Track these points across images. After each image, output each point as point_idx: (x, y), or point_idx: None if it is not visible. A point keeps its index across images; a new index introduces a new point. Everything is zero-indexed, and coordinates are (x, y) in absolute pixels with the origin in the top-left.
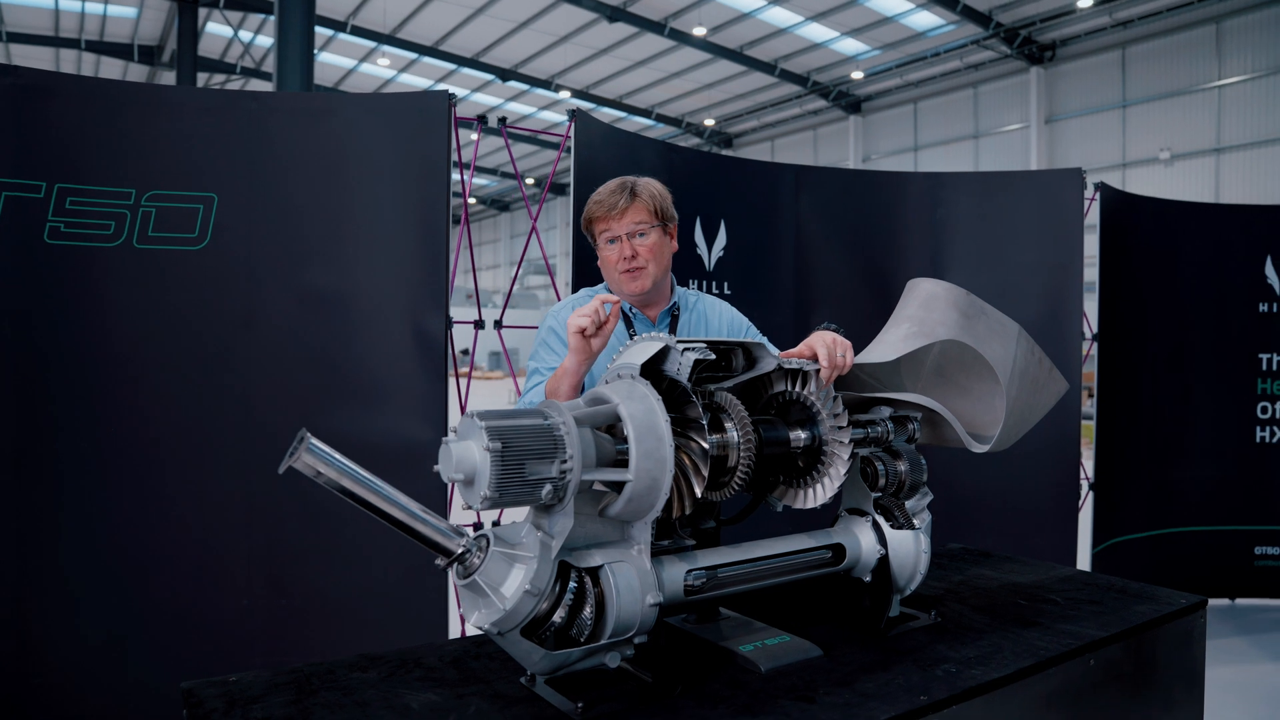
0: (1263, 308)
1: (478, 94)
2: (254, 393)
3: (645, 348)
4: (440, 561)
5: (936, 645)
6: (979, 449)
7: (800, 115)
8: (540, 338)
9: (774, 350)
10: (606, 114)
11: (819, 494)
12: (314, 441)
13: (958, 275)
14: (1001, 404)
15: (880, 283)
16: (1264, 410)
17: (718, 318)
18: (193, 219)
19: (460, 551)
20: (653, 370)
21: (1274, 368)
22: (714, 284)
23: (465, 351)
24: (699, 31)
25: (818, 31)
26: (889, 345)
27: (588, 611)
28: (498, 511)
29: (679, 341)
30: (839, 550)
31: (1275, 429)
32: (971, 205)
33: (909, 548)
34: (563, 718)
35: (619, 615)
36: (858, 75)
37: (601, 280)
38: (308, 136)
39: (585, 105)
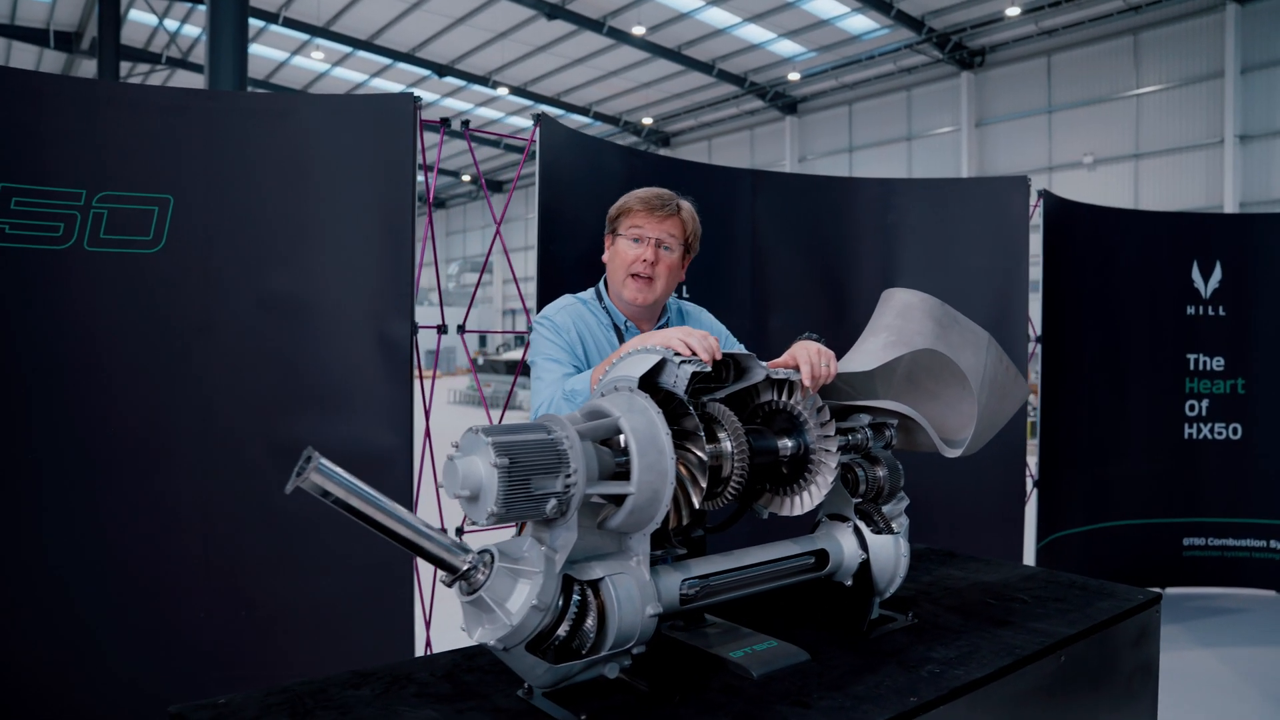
0: (1190, 310)
1: (414, 89)
2: (213, 399)
3: (643, 360)
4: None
5: (917, 646)
6: (951, 454)
7: (737, 115)
8: (543, 337)
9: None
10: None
11: (806, 501)
12: (323, 461)
13: (909, 279)
14: (972, 410)
15: (835, 286)
16: (1191, 408)
17: (697, 327)
18: (147, 221)
19: (466, 568)
20: (648, 382)
21: (1201, 367)
22: None
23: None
24: (638, 30)
25: (755, 33)
26: (868, 354)
27: (590, 624)
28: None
29: (676, 354)
30: (822, 556)
31: (1202, 426)
32: (922, 210)
33: (889, 552)
34: None
35: (620, 627)
36: (794, 76)
37: (584, 288)
38: (269, 138)
39: (523, 102)
